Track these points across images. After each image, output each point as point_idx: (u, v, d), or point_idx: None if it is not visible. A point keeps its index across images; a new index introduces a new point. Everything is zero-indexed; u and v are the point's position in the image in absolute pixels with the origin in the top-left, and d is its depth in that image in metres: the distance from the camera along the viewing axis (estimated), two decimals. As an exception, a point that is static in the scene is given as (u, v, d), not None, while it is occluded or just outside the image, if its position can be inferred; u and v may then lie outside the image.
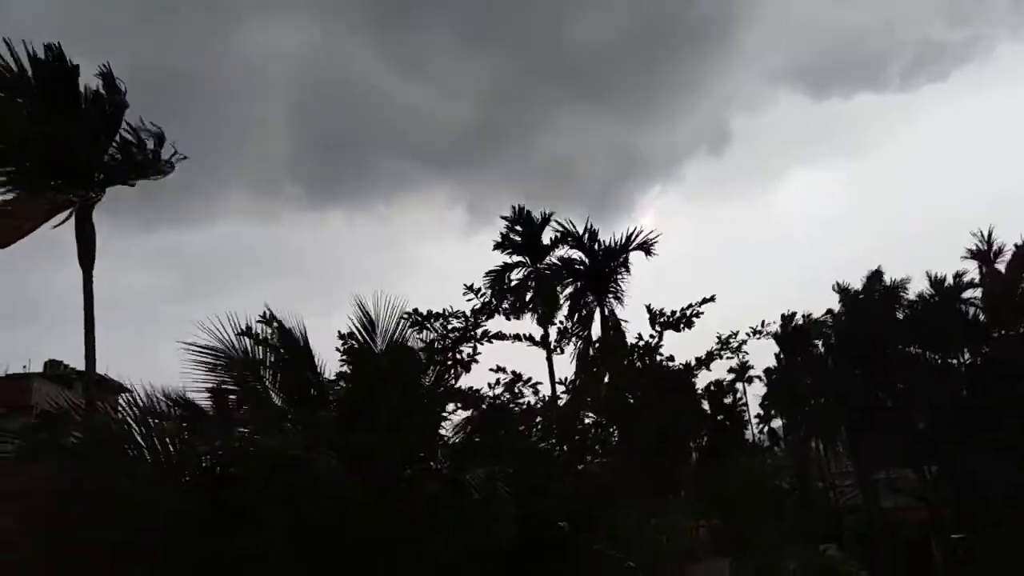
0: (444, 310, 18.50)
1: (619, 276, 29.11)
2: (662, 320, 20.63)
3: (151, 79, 58.65)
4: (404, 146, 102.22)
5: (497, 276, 29.17)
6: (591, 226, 29.61)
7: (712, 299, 20.79)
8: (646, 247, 28.77)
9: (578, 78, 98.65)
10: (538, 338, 25.30)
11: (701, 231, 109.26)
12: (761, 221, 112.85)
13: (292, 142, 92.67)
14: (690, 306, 20.61)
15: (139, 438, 8.09)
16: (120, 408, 8.76)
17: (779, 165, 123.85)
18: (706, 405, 27.23)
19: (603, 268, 29.19)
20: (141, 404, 8.21)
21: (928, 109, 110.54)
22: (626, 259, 29.19)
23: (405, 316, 17.45)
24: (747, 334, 22.57)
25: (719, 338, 22.11)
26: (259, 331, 9.95)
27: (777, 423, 47.44)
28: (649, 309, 20.17)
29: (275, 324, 9.35)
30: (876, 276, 36.19)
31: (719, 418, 28.81)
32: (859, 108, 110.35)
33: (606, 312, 28.73)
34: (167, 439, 8.21)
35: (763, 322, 22.61)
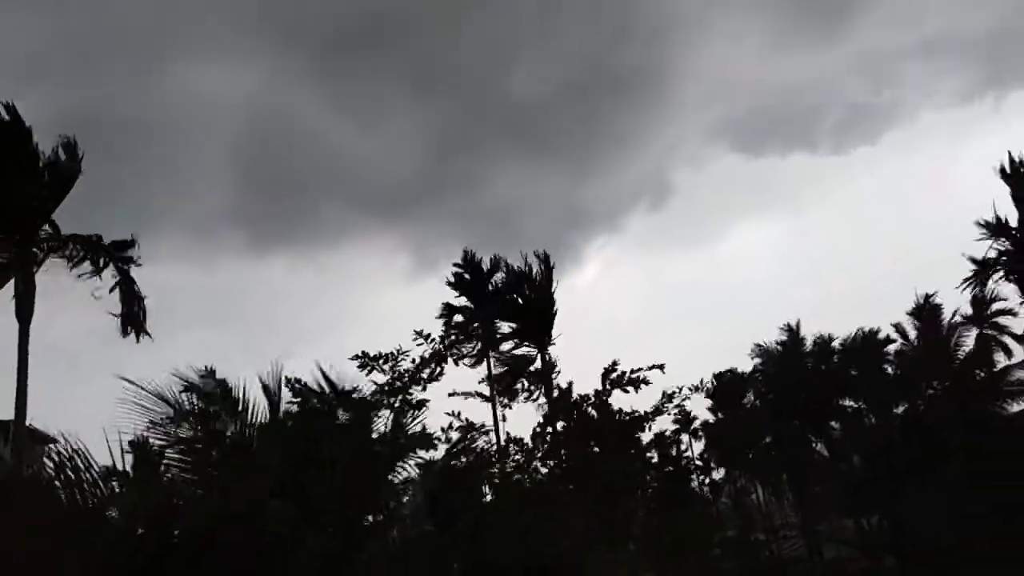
0: (392, 351, 18.54)
1: (551, 320, 30.30)
2: (613, 378, 21.28)
3: (85, 118, 57.49)
4: (347, 194, 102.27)
5: (446, 319, 30.25)
6: (529, 266, 31.10)
7: (661, 367, 21.80)
8: (549, 283, 30.71)
9: (520, 129, 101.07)
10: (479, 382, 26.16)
11: (644, 282, 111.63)
12: (703, 273, 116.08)
13: (232, 188, 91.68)
14: (639, 369, 21.58)
15: (61, 489, 7.78)
16: (49, 458, 8.47)
17: (719, 219, 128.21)
18: (653, 455, 27.48)
19: (539, 311, 30.52)
20: (65, 454, 7.94)
21: (860, 170, 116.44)
22: (550, 299, 30.64)
23: (355, 357, 17.56)
24: (689, 390, 23.76)
25: (664, 393, 22.94)
26: (199, 384, 9.86)
27: (719, 474, 48.23)
28: (606, 370, 20.96)
29: (212, 379, 9.31)
30: (795, 331, 37.85)
31: (667, 469, 29.06)
32: (794, 167, 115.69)
33: (546, 359, 29.60)
34: (91, 489, 7.95)
35: (702, 380, 23.96)
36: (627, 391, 22.69)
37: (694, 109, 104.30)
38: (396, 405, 15.55)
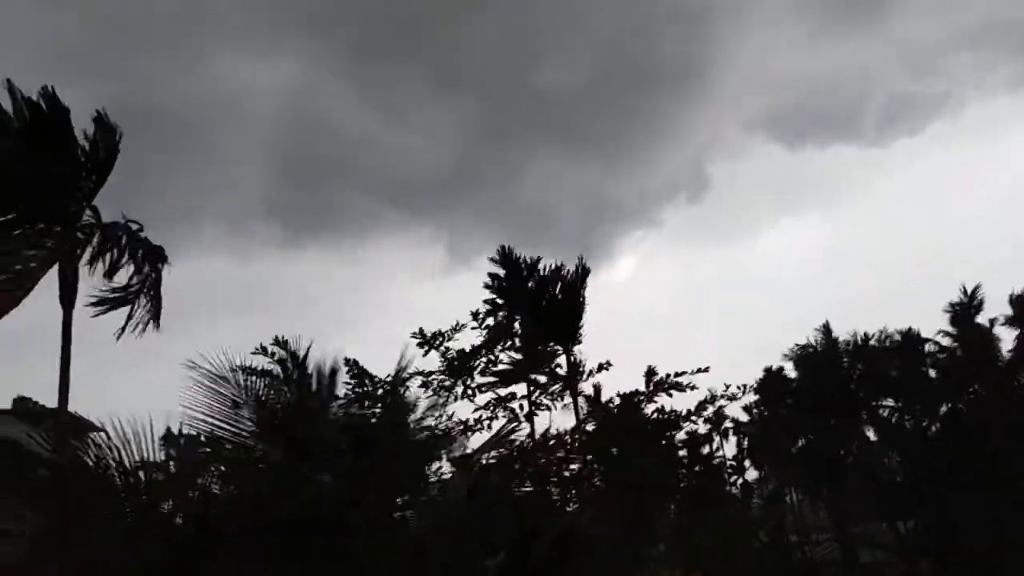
0: (448, 330, 18.64)
1: (580, 319, 29.60)
2: (656, 381, 21.37)
3: (125, 113, 58.44)
4: (380, 188, 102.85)
5: (486, 315, 29.77)
6: (583, 264, 30.35)
7: (706, 370, 21.94)
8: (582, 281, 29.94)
9: (553, 122, 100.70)
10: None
11: (682, 276, 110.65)
12: (741, 266, 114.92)
13: (267, 180, 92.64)
14: (683, 373, 21.72)
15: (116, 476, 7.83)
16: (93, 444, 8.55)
17: (757, 213, 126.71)
18: (684, 454, 27.24)
19: (566, 311, 29.72)
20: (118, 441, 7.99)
21: (902, 163, 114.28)
22: (580, 299, 29.90)
23: (415, 335, 17.58)
24: (738, 388, 23.58)
25: (710, 393, 22.96)
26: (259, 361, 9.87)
27: (752, 475, 47.59)
28: (650, 370, 21.06)
29: (278, 352, 9.32)
30: (827, 331, 37.10)
31: (696, 468, 28.75)
32: (833, 160, 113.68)
33: (571, 359, 29.13)
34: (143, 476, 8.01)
35: (745, 386, 23.77)
36: (671, 395, 22.72)
37: (732, 100, 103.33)
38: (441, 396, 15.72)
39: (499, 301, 30.09)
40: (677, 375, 21.72)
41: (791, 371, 39.24)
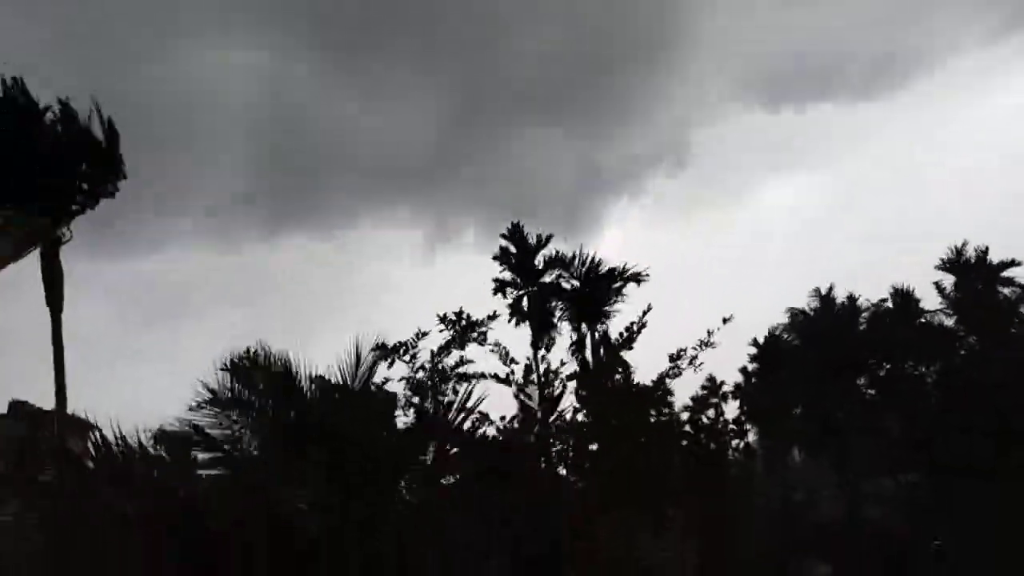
0: (410, 340, 18.29)
1: (610, 306, 30.00)
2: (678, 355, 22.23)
3: (98, 100, 57.23)
4: (361, 169, 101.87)
5: (501, 293, 29.86)
6: (582, 252, 30.57)
7: (730, 319, 22.99)
8: (636, 278, 30.39)
9: (532, 95, 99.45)
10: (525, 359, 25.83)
11: (671, 242, 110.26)
12: (731, 231, 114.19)
13: (245, 168, 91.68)
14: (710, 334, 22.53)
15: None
16: (93, 445, 8.59)
17: (744, 178, 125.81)
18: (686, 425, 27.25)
19: (595, 296, 29.93)
20: (119, 443, 8.07)
21: (886, 119, 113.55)
22: (620, 288, 30.20)
23: (374, 349, 17.43)
24: (695, 348, 23.79)
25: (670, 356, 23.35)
26: (243, 365, 9.82)
27: (752, 437, 47.80)
28: (674, 354, 21.73)
29: (261, 360, 9.28)
30: (828, 295, 37.06)
31: (700, 436, 28.77)
32: (819, 120, 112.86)
33: (596, 336, 29.24)
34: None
35: (709, 332, 23.89)
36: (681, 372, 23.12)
37: (711, 66, 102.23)
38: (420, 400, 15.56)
39: (508, 278, 30.21)
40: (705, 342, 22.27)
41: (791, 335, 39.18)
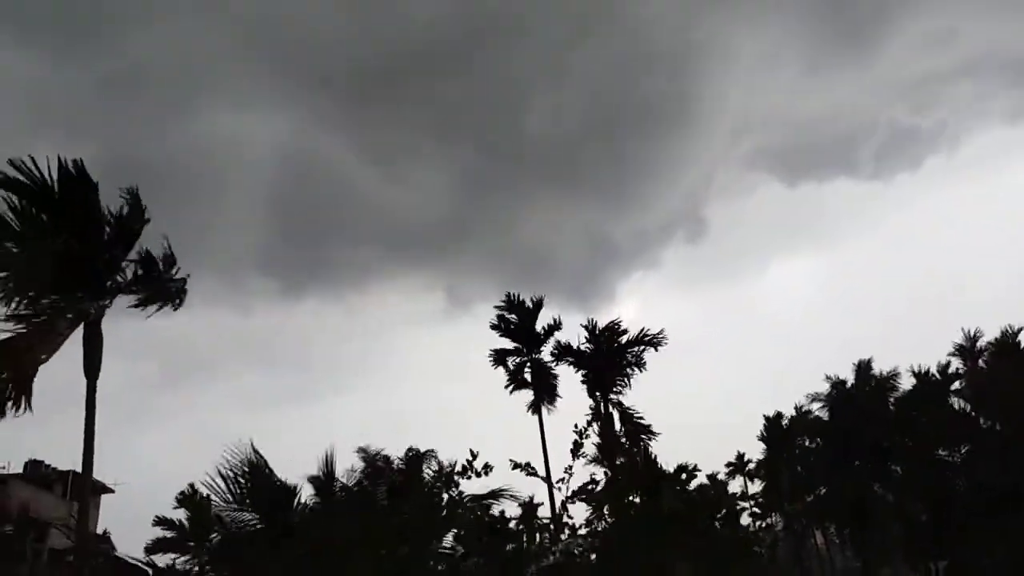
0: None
1: (629, 373, 29.42)
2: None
3: (119, 163, 59.19)
4: (378, 238, 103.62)
5: (498, 363, 29.73)
6: (593, 323, 30.28)
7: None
8: (655, 343, 29.59)
9: (547, 166, 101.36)
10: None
11: (683, 317, 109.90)
12: (743, 307, 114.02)
13: (264, 233, 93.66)
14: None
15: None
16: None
17: (757, 252, 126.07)
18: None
19: (610, 364, 29.35)
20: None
21: (901, 198, 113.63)
22: (639, 355, 29.60)
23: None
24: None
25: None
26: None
27: (775, 518, 46.73)
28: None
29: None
30: (866, 367, 36.53)
31: (717, 516, 28.44)
32: (833, 196, 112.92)
33: (610, 408, 28.67)
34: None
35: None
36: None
37: (727, 138, 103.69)
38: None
39: (509, 347, 30.18)
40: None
41: (818, 412, 38.48)
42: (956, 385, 34.01)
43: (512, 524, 16.24)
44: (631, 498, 23.46)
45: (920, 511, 33.33)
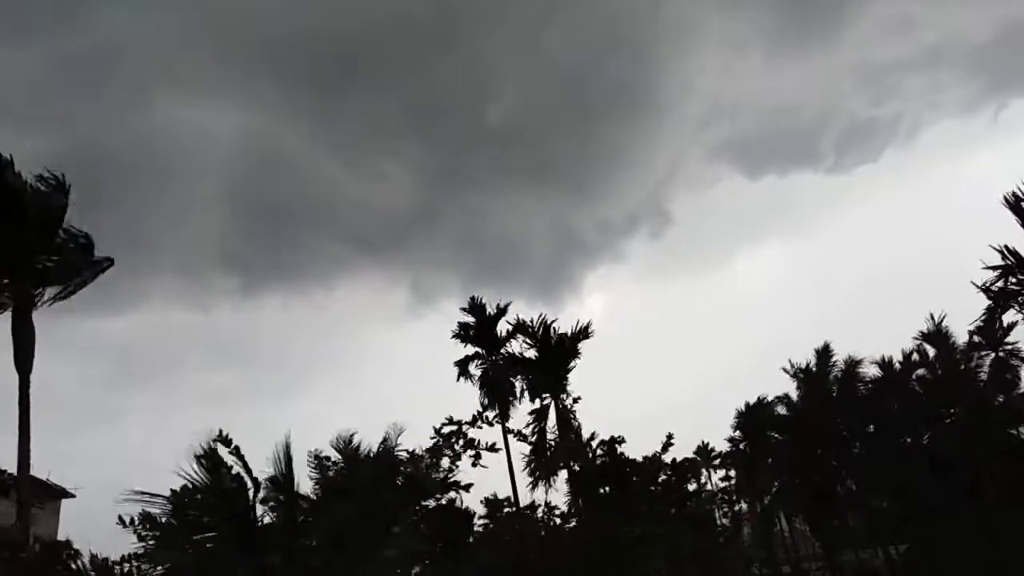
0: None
1: (570, 368, 29.74)
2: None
3: (76, 160, 57.28)
4: (341, 231, 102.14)
5: (463, 373, 29.52)
6: (545, 319, 30.33)
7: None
8: (587, 334, 30.09)
9: (512, 157, 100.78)
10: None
11: (650, 309, 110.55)
12: (708, 298, 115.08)
13: (224, 227, 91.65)
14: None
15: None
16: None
17: (723, 243, 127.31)
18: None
19: (556, 362, 29.64)
20: None
21: (862, 189, 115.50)
22: (575, 349, 29.88)
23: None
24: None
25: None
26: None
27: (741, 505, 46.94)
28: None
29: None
30: (825, 352, 36.61)
31: (687, 503, 28.31)
32: (796, 186, 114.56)
33: (560, 406, 28.74)
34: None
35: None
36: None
37: (691, 128, 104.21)
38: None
39: (472, 352, 29.86)
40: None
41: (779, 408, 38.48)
42: (921, 372, 34.17)
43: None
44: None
45: (881, 497, 33.64)
